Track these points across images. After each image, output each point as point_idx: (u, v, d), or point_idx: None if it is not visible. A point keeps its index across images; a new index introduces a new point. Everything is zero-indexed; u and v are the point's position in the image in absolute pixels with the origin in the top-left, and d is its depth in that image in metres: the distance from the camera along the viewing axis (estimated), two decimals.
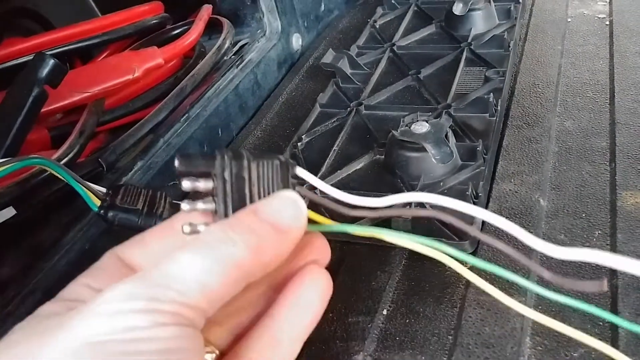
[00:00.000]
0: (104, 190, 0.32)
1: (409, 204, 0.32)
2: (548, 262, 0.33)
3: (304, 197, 0.24)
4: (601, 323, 0.31)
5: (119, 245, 0.25)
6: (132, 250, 0.25)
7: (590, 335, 0.26)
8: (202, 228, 0.23)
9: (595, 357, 0.29)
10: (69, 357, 0.18)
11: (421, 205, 0.37)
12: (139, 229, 0.31)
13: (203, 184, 0.23)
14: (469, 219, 0.33)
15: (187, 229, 0.23)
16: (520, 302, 0.26)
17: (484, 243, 0.37)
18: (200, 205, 0.23)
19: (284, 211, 0.22)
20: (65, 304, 0.22)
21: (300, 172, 0.25)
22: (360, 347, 0.32)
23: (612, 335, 0.30)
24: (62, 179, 0.31)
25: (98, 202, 0.32)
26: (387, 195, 0.26)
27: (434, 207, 0.31)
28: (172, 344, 0.19)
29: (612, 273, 0.33)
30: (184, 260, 0.20)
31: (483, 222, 0.38)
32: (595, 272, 0.34)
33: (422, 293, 0.35)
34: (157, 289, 0.19)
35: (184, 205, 0.23)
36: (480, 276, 0.26)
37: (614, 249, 0.35)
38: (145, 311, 0.19)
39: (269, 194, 0.24)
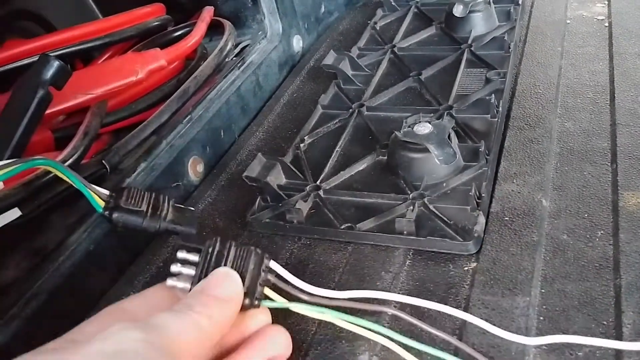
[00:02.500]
0: (106, 192, 0.32)
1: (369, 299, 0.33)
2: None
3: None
4: (605, 322, 0.31)
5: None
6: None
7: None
8: (180, 284, 0.29)
9: (600, 355, 0.30)
10: None
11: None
12: (142, 230, 0.32)
13: (192, 257, 0.30)
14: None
15: (170, 282, 0.29)
16: None
17: (486, 245, 0.37)
18: (179, 283, 0.29)
19: (224, 286, 0.28)
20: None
21: (273, 264, 0.31)
22: (365, 346, 0.33)
23: (616, 334, 0.30)
24: (67, 180, 0.31)
25: (102, 204, 0.32)
26: (389, 194, 0.26)
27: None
28: None
29: (616, 272, 0.34)
30: (167, 319, 0.26)
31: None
32: None
33: (427, 293, 0.35)
34: (150, 328, 0.25)
35: (169, 281, 0.29)
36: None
37: (616, 249, 0.35)
38: (145, 341, 0.24)
39: (239, 270, 0.30)
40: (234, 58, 0.61)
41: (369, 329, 0.30)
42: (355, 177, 0.45)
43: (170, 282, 0.30)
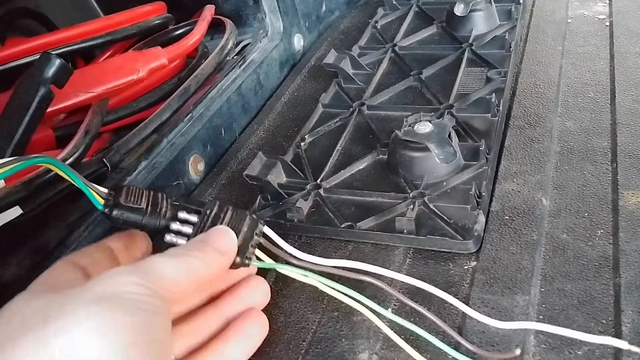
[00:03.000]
0: (106, 190, 0.33)
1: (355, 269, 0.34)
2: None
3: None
4: (604, 321, 0.31)
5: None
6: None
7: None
8: (179, 241, 0.32)
9: (599, 354, 0.30)
10: (86, 306, 0.24)
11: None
12: (142, 227, 0.32)
13: (191, 217, 0.33)
14: None
15: (168, 238, 0.32)
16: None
17: (486, 244, 0.37)
18: (177, 239, 0.32)
19: (222, 239, 0.31)
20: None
21: (267, 229, 0.34)
22: (365, 345, 0.33)
23: (615, 333, 0.31)
24: (67, 178, 0.31)
25: (102, 202, 0.32)
26: (389, 193, 0.27)
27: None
28: (154, 313, 0.26)
29: (615, 271, 0.34)
30: (161, 262, 0.28)
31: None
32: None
33: (427, 292, 0.35)
34: (143, 272, 0.27)
35: (167, 237, 0.32)
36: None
37: (616, 248, 0.35)
38: (138, 284, 0.26)
39: (235, 231, 0.32)
40: (235, 57, 0.61)
41: (350, 297, 0.32)
42: (356, 176, 0.45)
43: (168, 237, 0.32)
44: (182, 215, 0.33)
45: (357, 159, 0.46)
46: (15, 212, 0.36)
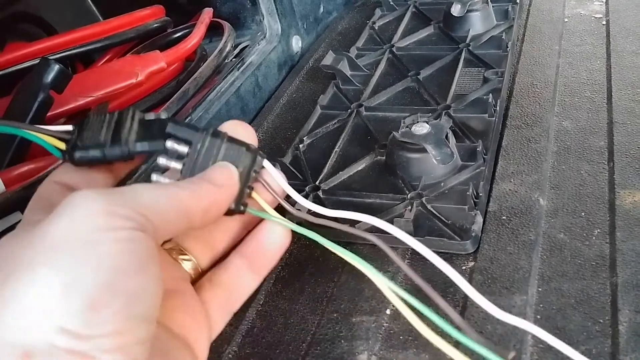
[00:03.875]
0: (69, 128, 0.29)
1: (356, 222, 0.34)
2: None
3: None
4: (601, 320, 0.32)
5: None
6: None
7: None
8: (165, 181, 0.28)
9: (596, 353, 0.30)
10: (43, 255, 0.21)
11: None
12: (106, 162, 0.29)
13: (181, 148, 0.28)
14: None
15: (155, 178, 0.28)
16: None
17: (484, 244, 0.38)
18: (164, 179, 0.28)
19: (219, 173, 0.28)
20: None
21: (266, 164, 0.30)
22: (364, 346, 0.33)
23: (612, 332, 0.31)
24: (22, 135, 0.28)
25: (63, 146, 0.28)
26: (387, 195, 0.27)
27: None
28: (126, 246, 0.22)
29: (612, 270, 0.34)
30: (139, 187, 0.25)
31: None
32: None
33: (424, 292, 0.35)
34: (115, 195, 0.23)
35: (154, 176, 0.28)
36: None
37: (613, 247, 0.36)
38: (110, 213, 0.22)
39: None
40: (234, 59, 0.61)
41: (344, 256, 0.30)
42: (354, 177, 0.46)
43: (155, 177, 0.28)
44: (171, 144, 0.28)
45: (355, 161, 0.46)
46: (16, 217, 0.37)
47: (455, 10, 0.61)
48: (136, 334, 0.22)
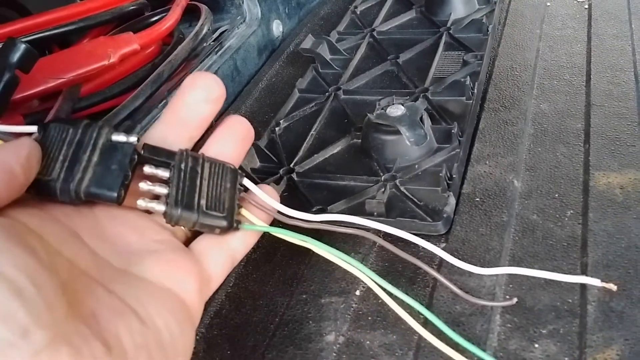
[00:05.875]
0: (34, 129, 0.26)
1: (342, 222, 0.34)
2: None
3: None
4: (570, 300, 0.31)
5: None
6: None
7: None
8: (155, 207, 0.27)
9: (564, 333, 0.30)
10: None
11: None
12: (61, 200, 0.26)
13: (161, 172, 0.28)
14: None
15: (142, 204, 0.27)
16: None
17: (456, 226, 0.37)
18: (152, 205, 0.27)
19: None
20: None
21: (246, 182, 0.31)
22: (332, 327, 0.32)
23: (580, 312, 0.31)
24: None
25: None
26: (361, 177, 0.26)
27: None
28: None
29: (583, 250, 0.34)
30: None
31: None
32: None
33: (395, 274, 0.35)
34: None
35: (139, 202, 0.27)
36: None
37: (585, 228, 0.35)
38: None
39: (217, 188, 0.29)
40: (212, 42, 0.60)
41: (345, 261, 0.31)
42: (330, 160, 0.45)
43: (141, 202, 0.27)
44: (150, 170, 0.27)
45: (331, 143, 0.46)
46: None
47: None
48: None
